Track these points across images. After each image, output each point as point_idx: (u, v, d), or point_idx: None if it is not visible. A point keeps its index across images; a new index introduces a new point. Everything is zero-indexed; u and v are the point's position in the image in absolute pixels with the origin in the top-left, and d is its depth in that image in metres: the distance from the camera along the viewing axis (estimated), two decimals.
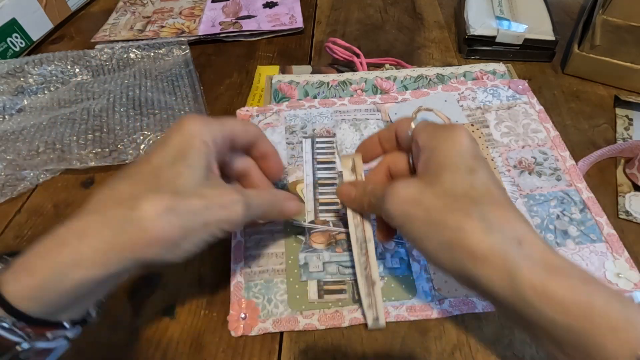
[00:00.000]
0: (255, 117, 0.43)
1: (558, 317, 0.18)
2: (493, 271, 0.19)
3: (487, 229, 0.20)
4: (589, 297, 0.18)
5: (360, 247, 0.29)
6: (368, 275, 0.29)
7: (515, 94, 0.45)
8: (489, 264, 0.19)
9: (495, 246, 0.19)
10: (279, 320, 0.30)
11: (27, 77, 0.48)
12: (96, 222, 0.21)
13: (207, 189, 0.23)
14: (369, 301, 0.29)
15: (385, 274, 0.32)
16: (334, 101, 0.45)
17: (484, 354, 0.28)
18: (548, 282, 0.18)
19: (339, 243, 0.34)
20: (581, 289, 0.18)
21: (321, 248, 0.33)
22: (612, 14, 0.43)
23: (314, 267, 0.32)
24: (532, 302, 0.18)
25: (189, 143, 0.24)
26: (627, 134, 0.42)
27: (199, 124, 0.25)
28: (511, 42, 0.49)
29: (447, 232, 0.21)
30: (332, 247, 0.33)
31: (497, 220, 0.20)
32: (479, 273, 0.20)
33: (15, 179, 0.39)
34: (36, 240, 0.21)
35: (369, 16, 0.60)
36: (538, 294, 0.18)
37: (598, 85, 0.48)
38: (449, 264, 0.21)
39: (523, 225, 0.20)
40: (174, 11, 0.61)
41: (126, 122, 0.42)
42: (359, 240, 0.29)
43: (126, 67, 0.51)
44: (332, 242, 0.34)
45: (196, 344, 0.29)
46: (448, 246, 0.21)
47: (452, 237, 0.20)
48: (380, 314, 0.28)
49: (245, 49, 0.55)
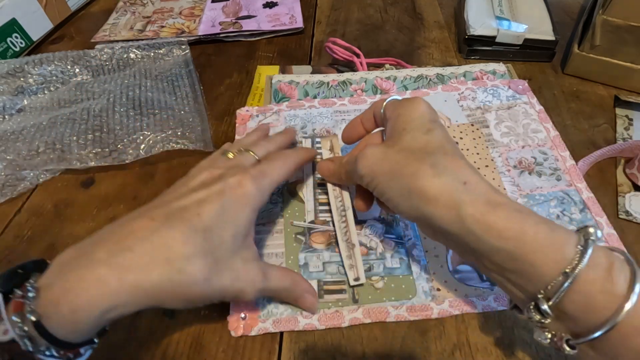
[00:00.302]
0: (255, 117, 0.43)
1: (497, 243, 0.21)
2: (443, 208, 0.22)
3: (437, 174, 0.23)
4: (522, 225, 0.21)
5: (340, 215, 0.33)
6: (348, 240, 0.32)
7: (515, 94, 0.45)
8: (439, 203, 0.23)
9: (444, 187, 0.23)
10: (279, 320, 0.30)
11: (27, 77, 0.48)
12: (139, 270, 0.22)
13: (239, 262, 0.25)
14: (349, 262, 0.32)
15: (385, 274, 0.32)
16: (334, 101, 0.45)
17: (484, 353, 0.28)
18: (488, 214, 0.21)
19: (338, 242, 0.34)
20: (515, 218, 0.21)
21: (321, 248, 0.33)
22: (612, 14, 0.43)
23: (314, 267, 0.32)
24: (475, 232, 0.21)
25: (240, 209, 0.26)
26: (627, 134, 0.42)
27: (254, 189, 0.26)
28: (511, 42, 0.49)
29: (405, 179, 0.24)
30: (332, 247, 0.33)
31: (447, 166, 0.24)
32: (432, 211, 0.23)
33: (15, 179, 0.39)
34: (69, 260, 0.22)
35: (369, 16, 0.60)
36: (480, 224, 0.21)
37: (598, 85, 0.48)
38: (408, 209, 0.24)
39: (470, 170, 0.24)
40: (174, 11, 0.61)
41: (126, 122, 0.42)
42: (338, 210, 0.33)
43: (126, 67, 0.51)
44: (332, 242, 0.34)
45: (196, 344, 0.29)
46: (407, 192, 0.24)
47: (409, 183, 0.24)
48: (361, 273, 0.31)
49: (245, 49, 0.55)
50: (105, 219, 0.37)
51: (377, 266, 0.32)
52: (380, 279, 0.32)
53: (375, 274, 0.32)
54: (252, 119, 0.43)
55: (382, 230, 0.34)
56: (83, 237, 0.35)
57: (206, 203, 0.25)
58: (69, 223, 0.36)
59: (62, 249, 0.34)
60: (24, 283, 0.21)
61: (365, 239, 0.34)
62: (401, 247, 0.33)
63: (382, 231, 0.34)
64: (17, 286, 0.21)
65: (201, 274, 0.23)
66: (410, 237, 0.34)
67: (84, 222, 0.36)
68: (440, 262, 0.33)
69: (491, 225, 0.21)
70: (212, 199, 0.25)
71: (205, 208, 0.25)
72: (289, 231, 0.34)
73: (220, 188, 0.26)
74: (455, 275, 0.32)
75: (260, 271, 0.27)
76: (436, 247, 0.33)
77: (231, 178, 0.26)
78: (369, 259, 0.33)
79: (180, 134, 0.41)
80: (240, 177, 0.26)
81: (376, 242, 0.33)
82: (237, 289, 0.25)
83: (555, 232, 0.21)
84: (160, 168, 0.40)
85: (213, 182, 0.26)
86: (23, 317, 0.20)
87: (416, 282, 0.31)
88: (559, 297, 0.20)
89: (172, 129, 0.42)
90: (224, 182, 0.26)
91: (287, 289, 0.29)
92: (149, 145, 0.40)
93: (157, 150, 0.40)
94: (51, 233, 0.36)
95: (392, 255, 0.33)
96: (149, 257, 0.22)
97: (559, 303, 0.20)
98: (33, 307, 0.20)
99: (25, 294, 0.21)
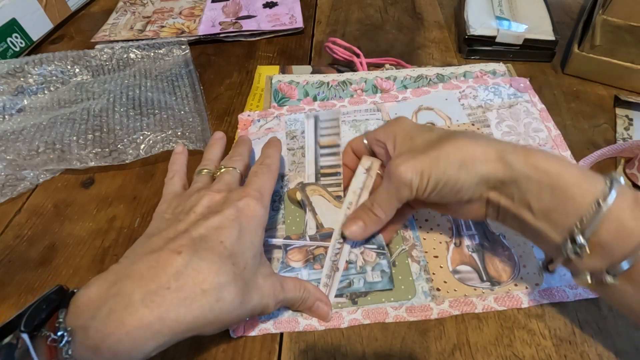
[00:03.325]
0: (257, 121, 0.43)
1: (543, 179, 0.24)
2: (494, 163, 0.25)
3: (474, 142, 0.26)
4: (560, 163, 0.24)
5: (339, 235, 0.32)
6: (335, 261, 0.32)
7: (517, 92, 0.45)
8: (490, 160, 0.25)
9: (486, 148, 0.26)
10: (280, 321, 0.30)
11: (27, 77, 0.48)
12: (179, 306, 0.22)
13: (260, 280, 0.27)
14: (325, 281, 0.31)
15: (366, 289, 0.31)
16: (334, 103, 0.45)
17: (484, 353, 0.28)
18: (530, 156, 0.25)
19: (317, 259, 0.32)
20: (553, 158, 0.24)
21: (299, 266, 0.32)
22: (612, 14, 0.43)
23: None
24: (525, 172, 0.24)
25: (255, 230, 0.27)
26: (627, 134, 0.42)
27: (262, 209, 0.27)
28: (511, 42, 0.49)
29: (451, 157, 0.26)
30: (309, 264, 0.32)
31: (475, 136, 0.27)
32: (486, 169, 0.25)
33: (15, 179, 0.39)
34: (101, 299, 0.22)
35: (369, 16, 0.60)
36: (527, 165, 0.24)
37: (598, 85, 0.48)
38: (468, 177, 0.26)
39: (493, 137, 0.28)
40: (174, 11, 0.61)
41: (126, 122, 0.42)
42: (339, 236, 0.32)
43: (126, 67, 0.51)
44: (309, 259, 0.32)
45: (196, 344, 0.29)
46: (459, 166, 0.26)
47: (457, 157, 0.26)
48: (331, 296, 0.31)
49: (245, 49, 0.55)
50: (105, 219, 0.37)
51: (358, 281, 0.31)
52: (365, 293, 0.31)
53: (356, 290, 0.31)
54: (254, 123, 0.43)
55: (362, 242, 0.33)
56: (83, 237, 0.35)
57: (224, 229, 0.25)
58: (69, 223, 0.36)
59: (62, 249, 0.34)
60: (50, 319, 0.21)
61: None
62: (383, 257, 0.32)
63: (362, 242, 0.33)
64: (43, 323, 0.21)
65: (238, 299, 0.24)
66: (408, 241, 0.34)
67: (84, 222, 0.36)
68: (440, 262, 0.33)
69: (536, 164, 0.24)
70: (229, 225, 0.26)
71: (225, 235, 0.25)
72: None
73: (233, 213, 0.26)
74: (455, 275, 0.32)
75: (279, 284, 0.28)
76: (436, 247, 0.33)
77: (239, 202, 0.27)
78: (348, 274, 0.31)
79: (180, 134, 0.41)
80: (246, 200, 0.27)
81: (356, 255, 0.32)
82: (264, 305, 0.26)
83: (586, 171, 0.24)
84: (160, 168, 0.40)
85: (221, 207, 0.27)
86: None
87: (415, 282, 0.31)
88: (595, 226, 0.21)
89: (172, 129, 0.42)
90: (233, 206, 0.27)
91: (302, 298, 0.29)
92: (149, 145, 0.40)
93: (157, 150, 0.40)
94: (51, 233, 0.36)
95: (372, 268, 0.32)
96: (187, 292, 0.23)
97: (594, 234, 0.22)
98: (71, 352, 0.20)
99: (56, 335, 0.20)
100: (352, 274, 0.32)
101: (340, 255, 0.32)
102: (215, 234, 0.25)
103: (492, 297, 0.30)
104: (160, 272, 0.23)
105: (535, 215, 0.25)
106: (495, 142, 0.26)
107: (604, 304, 0.30)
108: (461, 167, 0.26)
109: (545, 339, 0.29)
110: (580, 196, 0.22)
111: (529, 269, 0.32)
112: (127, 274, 0.23)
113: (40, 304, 0.21)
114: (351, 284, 0.31)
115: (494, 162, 0.25)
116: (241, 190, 0.28)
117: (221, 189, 0.29)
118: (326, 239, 0.33)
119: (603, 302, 0.30)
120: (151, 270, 0.23)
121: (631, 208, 0.21)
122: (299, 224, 0.35)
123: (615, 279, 0.22)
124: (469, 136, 0.27)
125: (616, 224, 0.21)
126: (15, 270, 0.33)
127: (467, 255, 0.33)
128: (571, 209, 0.23)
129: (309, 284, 0.30)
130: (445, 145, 0.27)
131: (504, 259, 0.32)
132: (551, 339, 0.29)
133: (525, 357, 0.28)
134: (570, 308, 0.30)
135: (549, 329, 0.29)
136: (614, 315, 0.30)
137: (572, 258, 0.23)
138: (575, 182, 0.23)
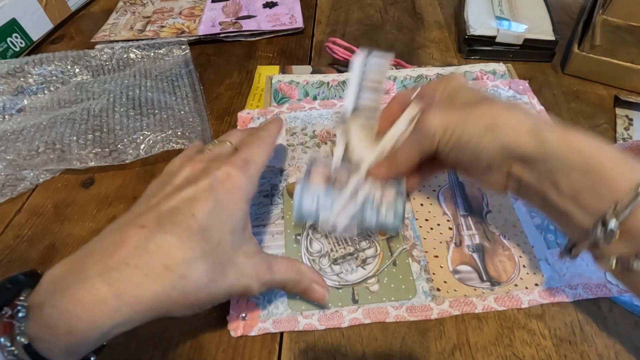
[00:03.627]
0: (257, 119, 0.43)
1: (578, 159, 0.22)
2: (525, 135, 0.24)
3: (509, 110, 0.25)
4: (599, 144, 0.23)
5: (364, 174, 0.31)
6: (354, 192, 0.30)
7: (516, 95, 0.45)
8: (521, 131, 0.24)
9: (521, 118, 0.25)
10: (279, 320, 0.30)
11: (27, 77, 0.48)
12: (139, 283, 0.21)
13: (241, 258, 0.25)
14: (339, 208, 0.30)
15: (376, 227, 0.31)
16: (334, 102, 0.45)
17: (484, 353, 0.28)
18: (567, 135, 0.23)
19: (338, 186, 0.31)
20: (591, 139, 0.23)
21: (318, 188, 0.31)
22: (612, 14, 0.43)
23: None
24: (557, 152, 0.23)
25: (234, 203, 0.25)
26: (627, 134, 0.42)
27: (244, 179, 0.25)
28: (511, 42, 0.49)
29: (481, 120, 0.25)
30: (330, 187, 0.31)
31: (513, 104, 0.26)
32: (514, 140, 0.24)
33: (15, 179, 0.39)
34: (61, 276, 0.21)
35: (369, 16, 0.60)
36: (562, 144, 0.23)
37: (598, 85, 0.48)
38: (490, 143, 0.25)
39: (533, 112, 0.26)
40: (174, 11, 0.61)
41: (126, 122, 0.42)
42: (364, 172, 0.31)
43: (126, 67, 0.51)
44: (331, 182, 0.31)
45: (196, 344, 0.29)
46: (486, 129, 0.25)
47: (487, 121, 0.25)
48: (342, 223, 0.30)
49: (245, 49, 0.55)
50: (105, 219, 0.37)
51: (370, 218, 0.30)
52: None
53: (367, 226, 0.31)
54: (253, 121, 0.43)
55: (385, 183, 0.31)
56: (83, 237, 0.35)
57: (198, 201, 0.23)
58: (69, 223, 0.36)
59: (62, 249, 0.34)
60: (14, 300, 0.20)
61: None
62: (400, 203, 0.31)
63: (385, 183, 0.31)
64: (7, 303, 0.20)
65: (206, 277, 0.22)
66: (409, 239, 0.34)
67: (84, 222, 0.36)
68: (440, 262, 0.33)
69: (572, 144, 0.23)
70: (204, 196, 0.24)
71: (198, 206, 0.23)
72: (288, 232, 0.34)
73: (209, 183, 0.24)
74: (455, 275, 0.32)
75: (265, 264, 0.26)
76: (436, 247, 0.33)
77: (217, 171, 0.25)
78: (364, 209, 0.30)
79: (180, 134, 0.41)
80: (226, 168, 0.25)
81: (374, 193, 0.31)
82: (244, 285, 0.25)
83: (626, 155, 0.23)
84: (160, 168, 0.40)
85: (198, 177, 0.25)
86: (13, 339, 0.19)
87: (416, 282, 0.31)
88: (631, 210, 0.21)
89: (172, 129, 0.42)
90: (211, 176, 0.24)
91: (294, 280, 0.27)
92: (149, 145, 0.40)
93: (157, 150, 0.40)
94: (51, 233, 0.36)
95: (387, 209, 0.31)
96: (148, 267, 0.21)
97: (627, 219, 0.21)
98: (23, 328, 0.19)
99: (15, 313, 0.19)
100: (367, 209, 0.31)
101: (361, 189, 0.31)
102: (187, 206, 0.23)
103: (492, 297, 0.30)
104: (121, 247, 0.21)
105: (562, 195, 0.24)
106: (533, 116, 0.25)
107: (604, 304, 0.30)
108: (487, 131, 0.25)
109: (545, 339, 0.29)
110: (618, 180, 0.21)
111: (529, 269, 0.32)
112: (90, 251, 0.22)
113: (7, 282, 0.21)
114: (364, 219, 0.31)
115: (526, 134, 0.24)
116: (224, 160, 0.26)
117: (204, 159, 0.27)
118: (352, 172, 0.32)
119: (603, 302, 0.30)
120: (112, 246, 0.22)
121: None
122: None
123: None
124: (508, 104, 0.26)
125: None
126: (15, 270, 0.33)
127: (467, 255, 0.33)
128: (606, 193, 0.22)
129: (302, 265, 0.29)
130: (480, 106, 0.26)
131: (504, 259, 0.33)
132: (551, 339, 0.29)
133: (525, 357, 0.28)
134: (570, 308, 0.30)
135: (549, 329, 0.29)
136: (614, 315, 0.30)
137: (599, 243, 0.22)
138: (612, 165, 0.22)
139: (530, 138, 0.24)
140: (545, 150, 0.24)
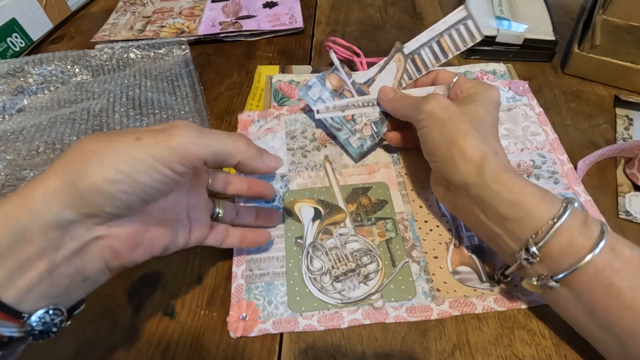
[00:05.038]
0: (257, 121, 0.43)
1: (505, 194, 0.26)
2: (471, 165, 0.28)
3: (480, 140, 0.28)
4: (525, 184, 0.27)
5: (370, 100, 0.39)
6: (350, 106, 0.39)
7: (516, 96, 0.45)
8: (471, 160, 0.28)
9: (481, 151, 0.28)
10: (279, 321, 0.30)
11: (27, 77, 0.48)
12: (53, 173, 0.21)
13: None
14: (331, 112, 0.39)
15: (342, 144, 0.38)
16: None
17: (484, 353, 0.28)
18: (502, 174, 0.27)
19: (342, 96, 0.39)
20: (521, 180, 0.27)
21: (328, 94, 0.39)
22: (612, 14, 0.43)
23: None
24: (490, 186, 0.27)
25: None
26: (627, 134, 0.42)
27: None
28: (511, 42, 0.49)
29: (454, 132, 0.29)
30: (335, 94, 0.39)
31: (488, 139, 0.29)
32: (462, 164, 0.28)
33: (15, 179, 0.39)
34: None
35: (369, 16, 0.60)
36: (496, 181, 0.27)
37: (598, 85, 0.48)
38: (443, 153, 0.29)
39: (500, 147, 0.30)
40: (174, 11, 0.61)
41: (126, 122, 0.42)
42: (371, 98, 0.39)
43: (126, 67, 0.51)
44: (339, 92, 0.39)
45: (196, 344, 0.29)
46: (450, 142, 0.29)
47: (456, 136, 0.28)
48: (327, 118, 0.39)
49: (245, 49, 0.54)
50: None
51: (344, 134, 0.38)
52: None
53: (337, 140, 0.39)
54: (254, 123, 0.43)
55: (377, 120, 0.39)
56: None
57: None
58: None
59: None
60: None
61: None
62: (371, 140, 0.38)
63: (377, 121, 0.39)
64: None
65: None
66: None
67: None
68: (439, 263, 0.33)
69: (504, 182, 0.27)
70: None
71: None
72: (289, 236, 0.34)
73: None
74: (455, 276, 0.32)
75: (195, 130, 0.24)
76: (435, 248, 0.33)
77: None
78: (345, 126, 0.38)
79: None
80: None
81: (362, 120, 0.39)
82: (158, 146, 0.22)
83: (548, 192, 0.27)
84: None
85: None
86: None
87: (415, 282, 0.31)
88: (548, 238, 0.24)
89: None
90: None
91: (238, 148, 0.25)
92: None
93: None
94: None
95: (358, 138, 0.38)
96: (54, 172, 0.21)
97: (545, 244, 0.25)
98: None
99: None
100: (348, 127, 0.39)
101: (358, 108, 0.38)
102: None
103: (492, 298, 0.30)
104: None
105: (490, 219, 0.28)
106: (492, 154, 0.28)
107: None
108: (450, 144, 0.28)
109: (545, 339, 0.29)
110: (538, 213, 0.25)
111: None
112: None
113: None
114: (339, 131, 0.38)
115: (474, 165, 0.27)
116: None
117: None
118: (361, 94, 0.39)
119: None
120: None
121: (580, 225, 0.24)
122: (298, 226, 0.35)
123: (557, 284, 0.25)
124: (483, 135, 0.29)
125: (566, 238, 0.24)
126: None
127: (467, 256, 0.33)
128: (529, 223, 0.25)
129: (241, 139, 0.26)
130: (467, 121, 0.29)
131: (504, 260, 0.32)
132: (551, 339, 0.29)
133: (525, 357, 0.28)
134: None
135: (549, 329, 0.29)
136: None
137: (524, 265, 0.26)
138: (534, 201, 0.26)
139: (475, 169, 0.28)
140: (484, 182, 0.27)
